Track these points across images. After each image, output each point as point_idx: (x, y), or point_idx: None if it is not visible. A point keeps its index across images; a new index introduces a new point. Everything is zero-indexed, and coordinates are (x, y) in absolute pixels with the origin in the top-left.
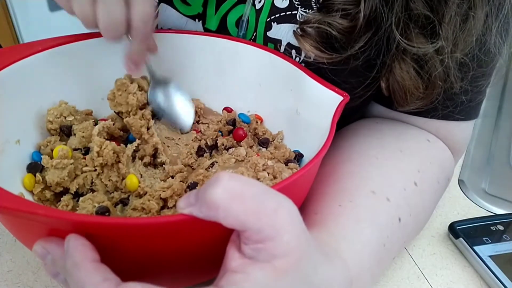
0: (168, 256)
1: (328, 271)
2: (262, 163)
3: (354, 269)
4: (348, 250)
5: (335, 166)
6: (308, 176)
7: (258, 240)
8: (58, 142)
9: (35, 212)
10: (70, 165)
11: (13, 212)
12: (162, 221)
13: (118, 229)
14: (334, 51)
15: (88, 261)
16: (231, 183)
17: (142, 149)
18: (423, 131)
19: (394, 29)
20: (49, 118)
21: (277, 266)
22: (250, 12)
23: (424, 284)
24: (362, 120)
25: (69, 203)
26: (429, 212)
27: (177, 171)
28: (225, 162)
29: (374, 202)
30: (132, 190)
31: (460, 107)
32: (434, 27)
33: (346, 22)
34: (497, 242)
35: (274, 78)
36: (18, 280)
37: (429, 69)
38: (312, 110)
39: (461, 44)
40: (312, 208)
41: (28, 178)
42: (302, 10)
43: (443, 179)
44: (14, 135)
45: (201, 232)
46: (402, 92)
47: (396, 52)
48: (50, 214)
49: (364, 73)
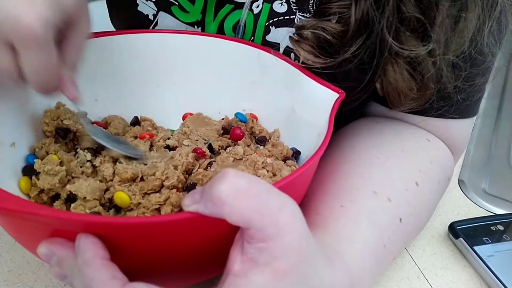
0: (174, 254)
1: (329, 274)
2: (262, 161)
3: (355, 271)
4: (349, 252)
5: (336, 165)
6: (308, 173)
7: (260, 239)
8: (52, 145)
9: (41, 214)
10: (62, 172)
11: (17, 213)
12: (168, 219)
13: (122, 229)
14: (329, 55)
15: (98, 259)
16: (236, 180)
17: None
18: (422, 130)
19: (386, 33)
20: (45, 120)
21: (277, 269)
22: (248, 16)
23: (424, 284)
24: (362, 119)
25: (62, 208)
26: (430, 212)
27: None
28: (223, 161)
29: (375, 202)
30: (124, 206)
31: (455, 106)
32: (426, 29)
33: (339, 26)
34: (497, 242)
35: (269, 76)
36: (18, 280)
37: (422, 71)
38: (308, 107)
39: (453, 46)
40: (314, 208)
41: (25, 181)
42: (300, 14)
43: (443, 179)
44: (9, 138)
45: (207, 230)
46: (396, 93)
47: (389, 55)
48: (57, 215)
49: (359, 76)
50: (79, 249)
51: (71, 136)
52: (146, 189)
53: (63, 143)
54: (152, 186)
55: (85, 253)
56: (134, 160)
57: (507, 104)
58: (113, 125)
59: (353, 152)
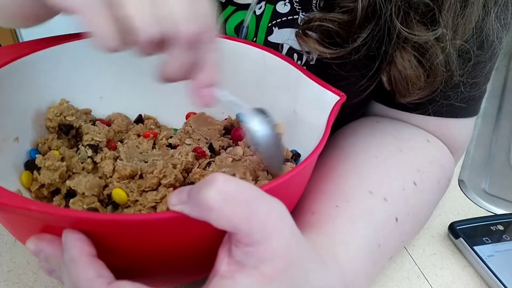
0: (159, 253)
1: (321, 277)
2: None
3: (350, 273)
4: (344, 254)
5: (333, 165)
6: (303, 175)
7: (248, 244)
8: (55, 140)
9: (28, 208)
10: (62, 168)
11: (6, 207)
12: (152, 218)
13: (108, 226)
14: (337, 46)
15: (84, 256)
16: (225, 185)
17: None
18: (422, 131)
19: (394, 18)
20: (49, 116)
21: (264, 272)
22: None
23: (424, 284)
24: (363, 119)
25: (61, 203)
26: (429, 212)
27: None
28: (222, 161)
29: (370, 202)
30: (122, 203)
31: (459, 102)
32: (434, 14)
33: (346, 16)
34: (497, 242)
35: (271, 77)
36: (18, 280)
37: (430, 57)
38: (309, 109)
39: (461, 31)
40: (309, 208)
41: (26, 176)
42: (303, 14)
43: (443, 179)
44: (12, 133)
45: (192, 231)
46: (404, 82)
47: (397, 41)
48: (43, 209)
49: (367, 65)
50: (66, 245)
51: (73, 132)
52: (143, 186)
53: (66, 139)
54: (150, 184)
55: (72, 250)
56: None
57: (507, 104)
58: (116, 122)
59: (351, 151)
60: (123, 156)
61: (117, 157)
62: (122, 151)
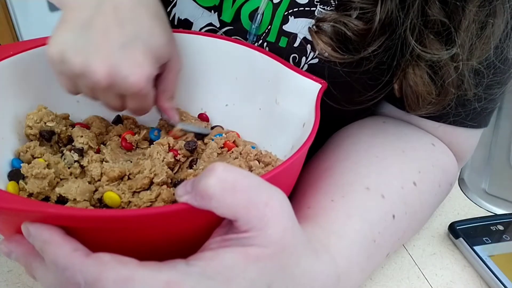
0: (162, 246)
1: (313, 266)
2: (255, 153)
3: (343, 265)
4: (337, 245)
5: (333, 162)
6: (297, 164)
7: (245, 231)
8: (37, 148)
9: (44, 211)
10: (51, 175)
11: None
12: (165, 210)
13: (98, 222)
14: (347, 51)
15: (56, 235)
16: (225, 174)
17: None
18: (428, 134)
19: (409, 35)
20: (28, 123)
21: (249, 253)
22: (267, 5)
23: (424, 284)
24: (369, 118)
25: None
26: (428, 213)
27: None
28: (209, 157)
29: (367, 198)
30: (115, 206)
31: (472, 115)
32: (450, 33)
33: (362, 24)
34: (497, 242)
35: (251, 70)
36: (18, 280)
37: (443, 76)
38: (291, 99)
39: (477, 52)
40: (305, 202)
41: (12, 186)
42: (321, 7)
43: (445, 183)
44: None
45: (196, 221)
46: (415, 96)
47: (410, 57)
48: (22, 207)
49: (377, 77)
50: (33, 234)
51: (55, 138)
52: (135, 187)
53: (48, 146)
54: (141, 184)
55: (42, 235)
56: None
57: (507, 104)
58: (95, 125)
59: (353, 149)
60: (109, 158)
61: (103, 160)
62: (107, 153)
